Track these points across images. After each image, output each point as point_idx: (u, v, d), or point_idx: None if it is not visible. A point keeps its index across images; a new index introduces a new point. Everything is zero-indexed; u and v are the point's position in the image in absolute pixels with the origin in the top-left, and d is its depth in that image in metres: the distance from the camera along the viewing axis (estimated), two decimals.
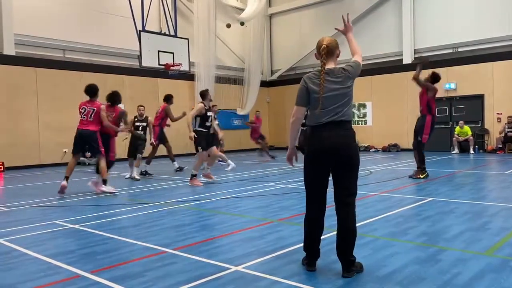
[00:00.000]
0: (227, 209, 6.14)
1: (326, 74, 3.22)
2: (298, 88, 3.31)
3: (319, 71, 3.25)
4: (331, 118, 3.21)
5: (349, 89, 3.27)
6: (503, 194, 6.87)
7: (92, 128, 7.81)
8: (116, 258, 3.86)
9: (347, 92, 3.26)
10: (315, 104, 3.23)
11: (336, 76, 3.24)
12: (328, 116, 3.21)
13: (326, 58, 3.26)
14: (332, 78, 3.23)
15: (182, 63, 14.73)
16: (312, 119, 3.28)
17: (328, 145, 3.21)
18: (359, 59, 3.43)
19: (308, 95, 3.25)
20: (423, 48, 17.01)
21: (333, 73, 3.24)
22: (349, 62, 3.37)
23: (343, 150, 3.23)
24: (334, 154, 3.22)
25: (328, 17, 19.50)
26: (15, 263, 3.81)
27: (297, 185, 8.29)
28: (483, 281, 3.07)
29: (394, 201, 6.35)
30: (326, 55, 3.26)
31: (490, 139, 15.60)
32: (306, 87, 3.26)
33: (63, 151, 14.41)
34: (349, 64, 3.34)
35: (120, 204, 6.79)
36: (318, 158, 3.27)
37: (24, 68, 13.61)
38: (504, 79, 15.14)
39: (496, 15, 15.27)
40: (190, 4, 17.80)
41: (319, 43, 3.34)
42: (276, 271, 3.38)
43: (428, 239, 4.24)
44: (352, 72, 3.30)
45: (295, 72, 21.29)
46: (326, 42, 3.31)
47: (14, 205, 6.84)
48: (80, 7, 15.07)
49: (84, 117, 7.87)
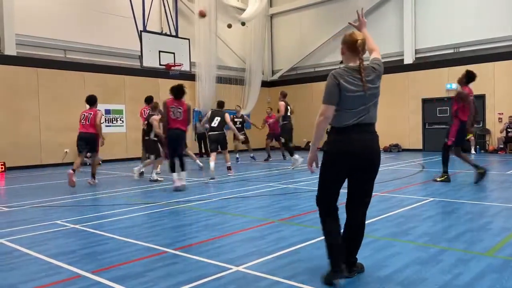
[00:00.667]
0: (228, 209, 6.14)
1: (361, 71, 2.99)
2: (327, 84, 3.02)
3: (349, 68, 3.03)
4: (360, 120, 3.01)
5: (378, 90, 3.09)
6: (505, 194, 6.86)
7: (91, 130, 8.95)
8: (117, 258, 3.86)
9: (377, 92, 3.08)
10: (345, 104, 2.99)
11: (368, 75, 3.03)
12: (357, 117, 3.00)
13: (362, 54, 3.03)
14: (365, 76, 3.01)
15: (183, 63, 14.73)
16: (339, 120, 3.03)
17: (355, 149, 3.01)
18: (379, 56, 3.25)
19: (339, 92, 2.98)
20: (424, 48, 17.00)
21: (366, 71, 3.03)
22: (374, 60, 3.17)
23: (369, 155, 3.06)
24: (359, 159, 3.04)
25: (329, 17, 19.52)
26: (16, 263, 3.81)
27: (298, 185, 8.29)
28: (484, 282, 3.06)
29: (395, 201, 6.34)
30: (362, 51, 3.04)
31: (492, 139, 15.59)
32: (337, 84, 2.97)
33: (64, 151, 14.44)
34: (375, 63, 3.14)
35: (121, 204, 6.79)
36: (342, 161, 3.05)
37: (25, 68, 13.63)
38: (505, 79, 15.12)
39: (497, 15, 15.25)
40: (191, 4, 17.80)
41: (352, 37, 3.09)
42: (277, 271, 3.37)
43: (429, 239, 4.24)
44: (380, 71, 3.12)
45: (296, 72, 21.30)
46: (361, 36, 3.10)
47: (15, 205, 6.84)
48: (81, 7, 15.09)
49: (84, 122, 9.02)
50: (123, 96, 16.11)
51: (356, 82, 2.98)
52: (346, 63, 3.10)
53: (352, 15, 19.46)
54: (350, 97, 2.97)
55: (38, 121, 13.94)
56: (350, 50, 3.09)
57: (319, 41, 19.88)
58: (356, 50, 3.05)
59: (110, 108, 15.55)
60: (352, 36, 3.11)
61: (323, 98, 3.02)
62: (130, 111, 16.19)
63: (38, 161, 13.91)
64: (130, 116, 16.17)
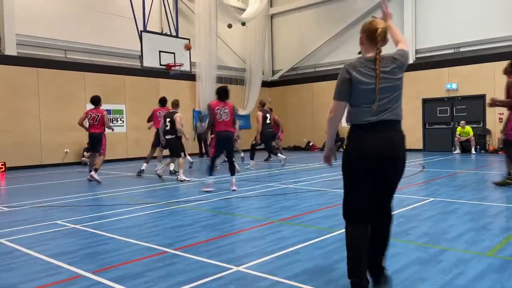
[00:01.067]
0: (228, 209, 6.14)
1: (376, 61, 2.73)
2: (338, 78, 2.77)
3: (365, 59, 2.77)
4: (379, 116, 2.71)
5: (399, 82, 2.79)
6: (505, 194, 6.85)
7: (98, 130, 9.50)
8: (117, 258, 3.86)
9: (397, 85, 2.77)
10: (360, 99, 2.72)
11: (386, 65, 2.74)
12: (378, 112, 2.71)
13: (382, 44, 2.77)
14: (382, 67, 2.72)
15: (183, 63, 14.74)
16: (355, 116, 2.77)
17: (370, 149, 2.71)
18: (405, 47, 2.95)
19: (351, 87, 2.73)
20: (425, 48, 16.99)
21: (383, 62, 2.74)
22: (397, 51, 2.89)
23: (392, 156, 2.75)
24: (375, 160, 2.73)
25: (329, 17, 19.52)
26: (17, 263, 3.81)
27: (298, 185, 8.29)
28: (485, 282, 3.06)
29: (395, 201, 6.26)
30: (382, 41, 2.77)
31: (492, 139, 15.58)
32: (349, 78, 2.72)
33: (65, 151, 14.45)
34: (397, 53, 2.86)
35: (122, 204, 6.79)
36: (358, 162, 2.77)
37: (25, 68, 13.63)
38: (505, 79, 15.08)
39: (498, 15, 15.24)
40: (191, 4, 17.81)
41: (371, 26, 2.81)
42: (277, 271, 3.37)
43: (429, 239, 4.23)
44: (402, 62, 2.82)
45: (296, 72, 21.30)
46: (382, 25, 2.82)
47: (15, 205, 6.85)
48: (81, 7, 15.10)
49: (91, 122, 9.54)
50: (123, 96, 16.11)
51: (371, 74, 2.71)
52: (365, 54, 2.83)
53: (353, 15, 19.49)
54: (364, 90, 2.71)
55: (38, 121, 13.95)
56: (369, 40, 2.82)
57: (319, 41, 19.88)
58: (375, 40, 2.77)
59: (111, 108, 15.54)
60: (372, 24, 2.83)
61: (334, 93, 2.79)
62: (130, 111, 16.20)
63: (38, 161, 13.92)
64: (130, 116, 16.18)
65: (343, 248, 3.98)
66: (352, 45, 18.98)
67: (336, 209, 5.85)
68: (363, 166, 2.76)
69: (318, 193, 7.27)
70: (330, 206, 6.08)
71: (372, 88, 2.70)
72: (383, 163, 2.75)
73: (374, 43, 2.77)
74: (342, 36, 19.04)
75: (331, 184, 8.38)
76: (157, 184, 9.05)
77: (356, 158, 2.77)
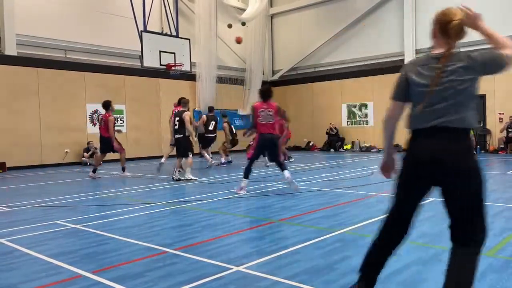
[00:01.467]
0: (228, 209, 6.14)
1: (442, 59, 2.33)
2: (397, 76, 2.52)
3: (431, 56, 2.39)
4: (437, 121, 2.33)
5: (467, 84, 2.30)
6: (505, 194, 6.85)
7: (103, 133, 10.44)
8: (117, 258, 3.86)
9: (464, 88, 2.30)
10: (417, 100, 2.41)
11: (450, 64, 2.31)
12: (433, 117, 2.35)
13: (455, 39, 2.35)
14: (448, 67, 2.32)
15: (184, 63, 14.73)
16: (414, 120, 2.46)
17: (421, 157, 2.37)
18: (507, 52, 2.27)
19: (408, 87, 2.45)
20: (425, 49, 16.97)
21: (451, 60, 2.32)
22: (485, 50, 2.36)
23: (450, 167, 2.31)
24: (429, 170, 2.36)
25: (330, 17, 19.51)
26: (17, 263, 3.81)
27: (298, 185, 8.28)
28: (485, 282, 3.06)
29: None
30: (456, 36, 2.35)
31: (492, 139, 15.58)
32: (405, 77, 2.45)
33: (65, 151, 14.44)
34: (480, 51, 2.34)
35: (122, 204, 6.79)
36: (409, 171, 2.48)
37: (25, 69, 13.63)
38: (506, 80, 15.08)
39: (497, 15, 15.22)
40: (191, 5, 17.81)
41: (445, 16, 2.38)
42: (277, 271, 3.37)
43: (429, 239, 4.24)
44: (479, 62, 2.29)
45: (296, 72, 21.30)
46: (459, 16, 2.35)
47: (15, 205, 6.85)
48: (81, 7, 15.09)
49: (100, 124, 10.62)
50: (123, 96, 16.10)
51: (429, 74, 2.37)
52: (435, 49, 2.43)
53: (353, 15, 19.40)
54: (419, 92, 2.39)
55: (38, 121, 13.94)
56: (441, 32, 2.38)
57: (319, 41, 19.88)
58: (447, 33, 2.34)
59: None
60: (445, 14, 2.38)
61: (391, 93, 2.55)
62: (130, 111, 16.21)
63: (39, 161, 13.91)
64: (130, 116, 16.19)
65: (343, 248, 3.99)
66: (352, 45, 19.02)
67: (336, 209, 5.86)
68: (409, 173, 2.48)
69: (318, 193, 7.27)
70: (330, 206, 6.08)
71: (427, 90, 2.35)
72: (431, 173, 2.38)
73: (446, 37, 2.36)
74: (342, 36, 19.04)
75: (331, 184, 8.38)
76: (157, 184, 9.05)
77: (404, 163, 2.51)
